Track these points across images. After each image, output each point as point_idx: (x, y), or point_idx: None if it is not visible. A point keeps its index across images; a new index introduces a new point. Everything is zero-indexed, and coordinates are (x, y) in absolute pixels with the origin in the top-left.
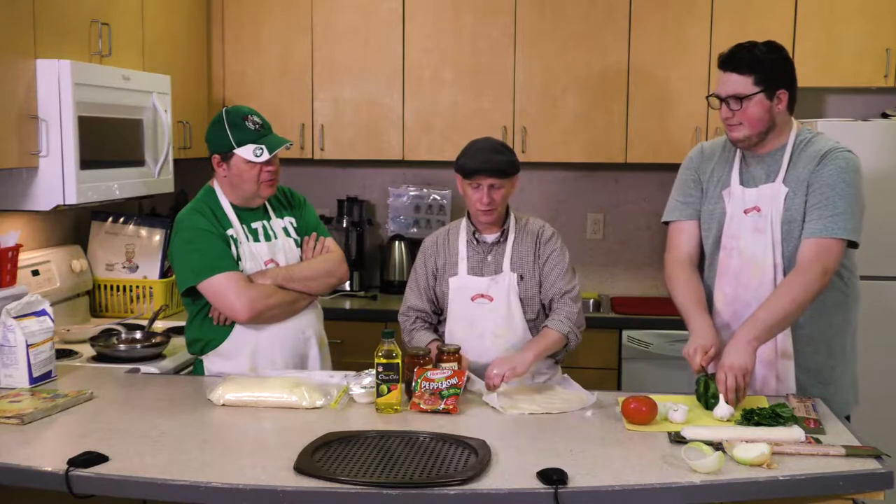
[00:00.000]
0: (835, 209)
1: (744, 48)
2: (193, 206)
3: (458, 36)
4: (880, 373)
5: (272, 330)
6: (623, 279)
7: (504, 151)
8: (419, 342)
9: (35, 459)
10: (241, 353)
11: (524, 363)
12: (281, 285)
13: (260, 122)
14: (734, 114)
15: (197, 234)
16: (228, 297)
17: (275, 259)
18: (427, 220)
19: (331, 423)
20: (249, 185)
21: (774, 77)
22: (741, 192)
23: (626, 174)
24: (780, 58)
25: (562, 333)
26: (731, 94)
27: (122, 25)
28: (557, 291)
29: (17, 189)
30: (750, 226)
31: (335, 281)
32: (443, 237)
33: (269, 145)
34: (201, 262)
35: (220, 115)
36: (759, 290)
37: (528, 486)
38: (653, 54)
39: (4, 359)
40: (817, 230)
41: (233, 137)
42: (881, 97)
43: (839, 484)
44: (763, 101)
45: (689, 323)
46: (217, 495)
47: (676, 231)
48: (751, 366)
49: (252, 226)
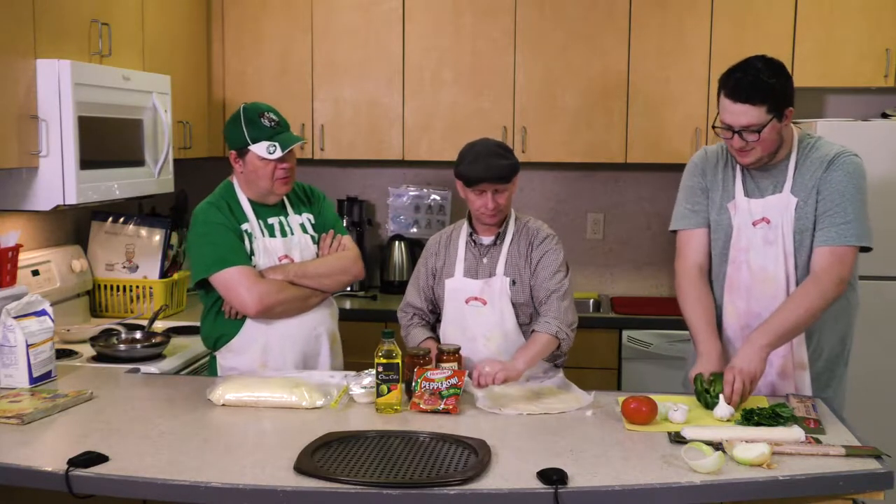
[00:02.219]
0: (846, 216)
1: (748, 75)
2: (210, 199)
3: (458, 36)
4: (880, 373)
5: (283, 325)
6: (623, 279)
7: (504, 154)
8: (414, 339)
9: (35, 459)
10: (251, 348)
11: (515, 370)
12: (293, 281)
13: (276, 119)
14: (748, 142)
15: (211, 227)
16: (239, 290)
17: (290, 255)
18: (427, 220)
19: (331, 423)
20: (264, 182)
21: (784, 100)
22: (747, 203)
23: (626, 174)
24: (785, 77)
25: (550, 334)
26: (745, 125)
27: (122, 25)
28: (546, 292)
29: (17, 189)
30: (760, 238)
31: (349, 279)
32: (445, 238)
33: (282, 143)
34: (214, 255)
35: (238, 112)
36: (772, 303)
37: (528, 486)
38: (653, 54)
39: (4, 359)
40: (830, 238)
41: (248, 134)
42: (881, 97)
43: (839, 484)
44: (775, 124)
45: (697, 344)
46: (217, 495)
47: (686, 239)
48: (760, 372)
49: (268, 221)
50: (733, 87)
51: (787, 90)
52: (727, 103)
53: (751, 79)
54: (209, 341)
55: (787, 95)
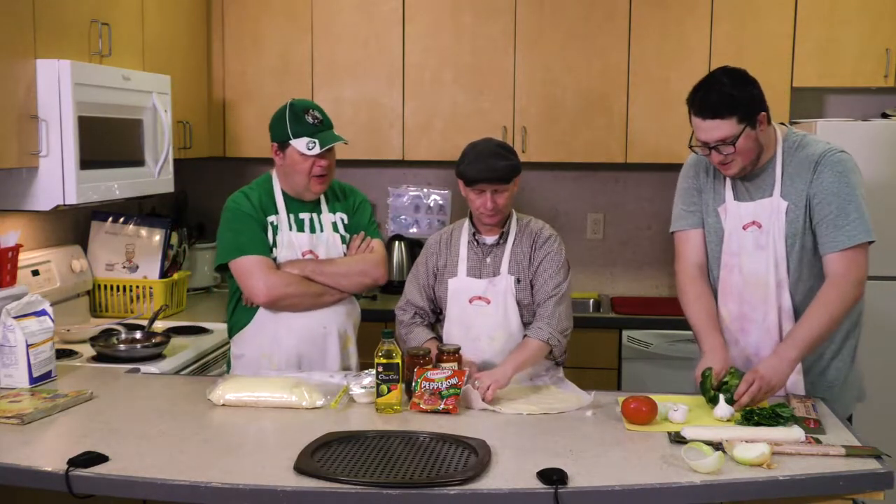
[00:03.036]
0: (847, 217)
1: (712, 90)
2: (245, 189)
3: (458, 36)
4: (880, 373)
5: (291, 319)
6: (623, 279)
7: (505, 155)
8: (416, 339)
9: (35, 459)
10: (260, 337)
11: (504, 376)
12: (308, 276)
13: (320, 117)
14: (726, 156)
15: (237, 214)
16: (252, 278)
17: (314, 251)
18: (427, 220)
19: (331, 423)
20: (301, 178)
21: (752, 107)
22: (736, 206)
23: (626, 174)
24: (750, 85)
25: (542, 340)
26: (719, 139)
27: (122, 25)
28: (543, 295)
29: (17, 189)
30: (751, 242)
31: (369, 281)
32: (446, 237)
33: (322, 140)
34: (234, 242)
35: (285, 106)
36: (763, 307)
37: (528, 486)
38: (653, 55)
39: (4, 359)
40: (839, 242)
41: (291, 129)
42: (881, 97)
43: (839, 484)
44: (749, 132)
45: (700, 342)
46: (217, 495)
47: (683, 240)
48: (779, 387)
49: (300, 216)
50: (700, 105)
51: (755, 97)
52: (697, 121)
53: (715, 94)
54: (228, 327)
55: (755, 102)
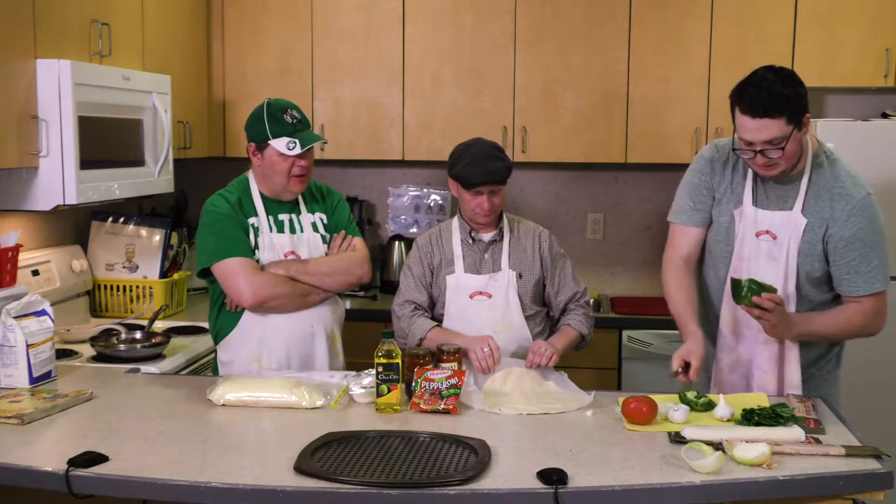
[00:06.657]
0: (869, 264)
1: (762, 89)
2: (222, 192)
3: (458, 36)
4: (880, 373)
5: (277, 320)
6: (623, 279)
7: (500, 156)
8: (421, 327)
9: (35, 459)
10: (247, 342)
11: (558, 351)
12: (293, 277)
13: (299, 117)
14: (771, 159)
15: (217, 217)
16: (236, 280)
17: (296, 252)
18: (427, 220)
19: (331, 423)
20: (280, 178)
21: (800, 108)
22: (753, 212)
23: (626, 174)
24: (797, 84)
25: (581, 333)
26: (767, 140)
27: (122, 25)
28: (572, 295)
29: (17, 189)
30: (764, 252)
31: (353, 280)
32: (436, 236)
33: (302, 140)
34: (216, 245)
35: (262, 106)
36: None
37: (528, 486)
38: (653, 54)
39: (4, 359)
40: (859, 288)
41: (269, 129)
42: (881, 97)
43: (839, 484)
44: (796, 135)
45: (682, 326)
46: (217, 495)
47: (680, 233)
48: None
49: (279, 217)
50: (749, 103)
51: (801, 97)
52: (745, 120)
53: (765, 91)
54: (213, 334)
55: (803, 103)
